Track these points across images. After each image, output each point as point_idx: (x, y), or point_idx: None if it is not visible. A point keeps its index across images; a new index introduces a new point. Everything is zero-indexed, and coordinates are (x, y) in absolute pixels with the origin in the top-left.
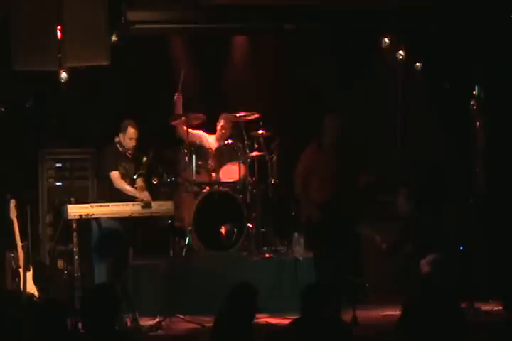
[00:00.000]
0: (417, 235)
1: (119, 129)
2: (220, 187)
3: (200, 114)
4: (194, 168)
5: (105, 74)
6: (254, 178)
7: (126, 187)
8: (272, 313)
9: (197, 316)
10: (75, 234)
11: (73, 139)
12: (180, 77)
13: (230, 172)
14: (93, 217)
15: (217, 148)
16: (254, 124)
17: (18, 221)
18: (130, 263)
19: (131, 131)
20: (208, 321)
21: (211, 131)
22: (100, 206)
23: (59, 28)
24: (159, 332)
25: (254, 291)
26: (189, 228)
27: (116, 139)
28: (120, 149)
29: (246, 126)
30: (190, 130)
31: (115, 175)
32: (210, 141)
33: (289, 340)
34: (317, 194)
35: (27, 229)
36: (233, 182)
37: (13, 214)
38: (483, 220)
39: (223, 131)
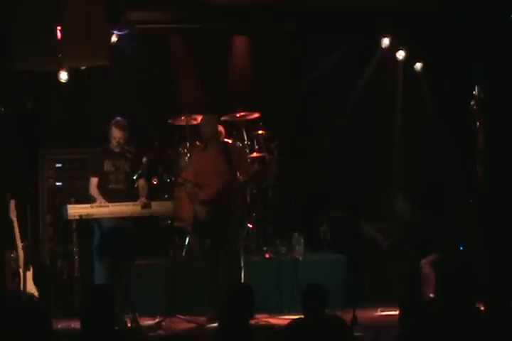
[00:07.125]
0: (417, 235)
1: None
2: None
3: (200, 115)
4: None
5: (105, 74)
6: None
7: (96, 197)
8: (272, 313)
9: (197, 316)
10: (75, 234)
11: (73, 139)
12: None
13: None
14: (93, 217)
15: None
16: (254, 124)
17: (18, 221)
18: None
19: (114, 131)
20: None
21: None
22: (100, 206)
23: (59, 28)
24: (159, 332)
25: (252, 291)
26: (189, 228)
27: None
28: (113, 148)
29: (246, 126)
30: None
31: (93, 181)
32: None
33: (289, 340)
34: (202, 192)
35: (27, 229)
36: None
37: (13, 214)
38: (484, 220)
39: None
